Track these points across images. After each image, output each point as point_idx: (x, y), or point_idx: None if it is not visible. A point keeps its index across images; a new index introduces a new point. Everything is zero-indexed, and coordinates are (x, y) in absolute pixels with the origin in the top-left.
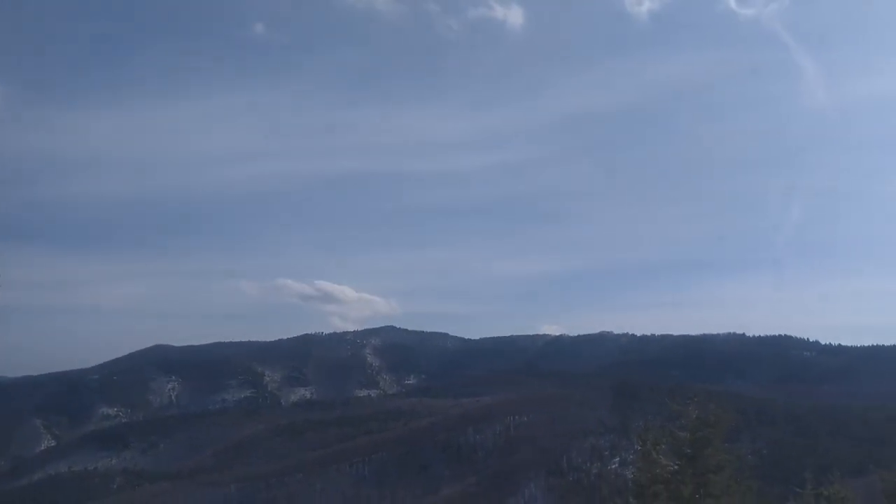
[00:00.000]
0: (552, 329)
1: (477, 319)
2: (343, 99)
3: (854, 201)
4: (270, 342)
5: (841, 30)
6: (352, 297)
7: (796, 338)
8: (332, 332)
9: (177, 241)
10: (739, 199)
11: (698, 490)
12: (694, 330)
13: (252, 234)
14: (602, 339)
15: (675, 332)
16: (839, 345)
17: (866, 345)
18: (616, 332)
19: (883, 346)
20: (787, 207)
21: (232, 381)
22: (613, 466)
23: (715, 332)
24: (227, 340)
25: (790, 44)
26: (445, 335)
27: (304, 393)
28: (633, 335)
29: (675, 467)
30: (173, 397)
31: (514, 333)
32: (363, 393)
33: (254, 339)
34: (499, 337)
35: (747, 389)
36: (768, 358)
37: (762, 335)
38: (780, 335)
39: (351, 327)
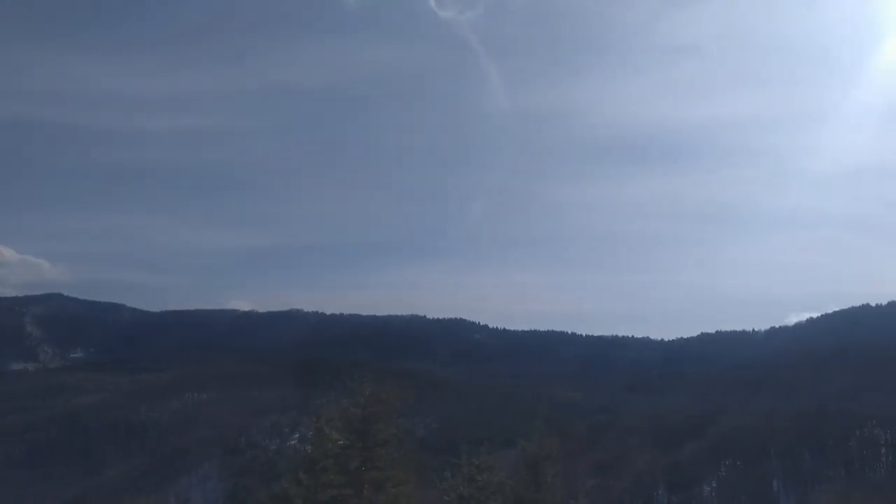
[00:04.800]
0: (241, 304)
1: (158, 291)
2: (18, 36)
3: (523, 201)
4: None
5: (524, 43)
6: (12, 258)
7: (469, 321)
8: None
9: None
10: (428, 189)
11: (365, 463)
12: (381, 311)
13: None
14: (292, 316)
15: (364, 313)
16: (504, 329)
17: (525, 329)
18: (306, 309)
19: (538, 330)
20: (467, 202)
21: None
22: (293, 443)
23: (399, 313)
24: None
25: (480, 50)
26: (121, 306)
27: None
28: (322, 314)
29: (346, 442)
30: None
31: (200, 307)
32: (19, 366)
33: None
34: (182, 310)
35: (426, 368)
36: (445, 339)
37: (440, 318)
38: (455, 318)
39: (9, 293)
